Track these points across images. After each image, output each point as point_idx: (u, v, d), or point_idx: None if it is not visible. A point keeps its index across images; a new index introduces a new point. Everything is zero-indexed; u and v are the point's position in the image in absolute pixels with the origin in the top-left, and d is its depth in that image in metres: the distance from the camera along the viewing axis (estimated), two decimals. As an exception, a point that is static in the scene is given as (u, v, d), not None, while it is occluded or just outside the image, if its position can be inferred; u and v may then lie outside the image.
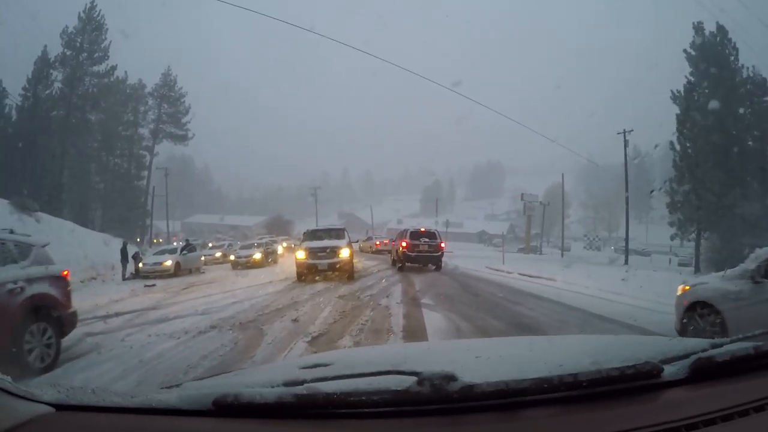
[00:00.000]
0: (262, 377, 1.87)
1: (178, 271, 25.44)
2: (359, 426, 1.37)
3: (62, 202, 44.90)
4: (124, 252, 25.69)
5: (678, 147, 36.22)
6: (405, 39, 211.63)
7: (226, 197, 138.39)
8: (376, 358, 2.04)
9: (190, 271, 27.01)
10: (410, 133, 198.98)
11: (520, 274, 20.82)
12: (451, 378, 1.32)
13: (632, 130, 41.64)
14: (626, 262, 39.30)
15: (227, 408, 1.34)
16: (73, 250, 26.74)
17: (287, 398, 1.33)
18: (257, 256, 29.92)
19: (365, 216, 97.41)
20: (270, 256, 30.78)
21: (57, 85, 47.68)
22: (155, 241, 53.78)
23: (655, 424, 1.29)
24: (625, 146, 41.62)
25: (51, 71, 47.35)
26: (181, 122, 57.97)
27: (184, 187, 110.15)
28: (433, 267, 22.38)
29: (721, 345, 1.69)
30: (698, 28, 36.01)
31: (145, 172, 55.90)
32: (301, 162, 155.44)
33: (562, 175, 57.58)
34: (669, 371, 1.51)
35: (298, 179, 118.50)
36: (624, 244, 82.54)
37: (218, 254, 36.24)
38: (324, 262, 17.99)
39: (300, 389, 1.36)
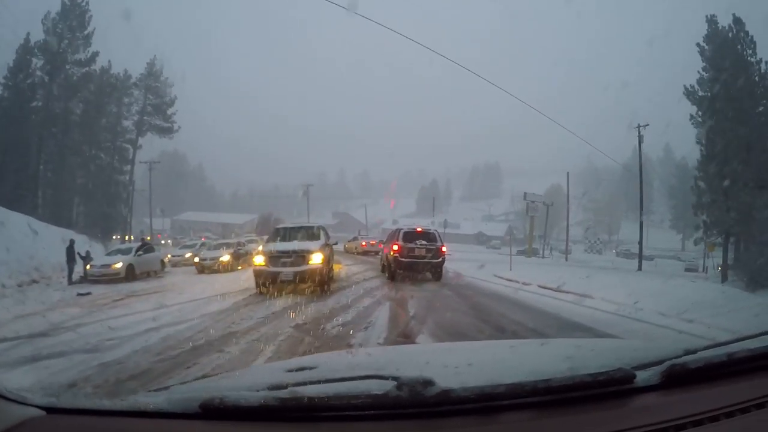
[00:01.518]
0: (248, 380, 1.84)
1: (131, 274, 21.10)
2: (340, 429, 1.38)
3: (37, 197, 41.72)
4: (70, 252, 21.60)
5: (702, 142, 32.67)
6: (406, 38, 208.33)
7: (220, 195, 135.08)
8: (359, 362, 2.15)
9: (147, 275, 22.72)
10: (408, 133, 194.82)
11: (540, 286, 16.32)
12: (429, 383, 1.33)
13: (648, 125, 37.24)
14: (640, 267, 35.33)
15: (214, 411, 1.35)
16: (21, 249, 23.00)
17: (271, 402, 1.34)
18: (224, 258, 25.36)
19: (360, 215, 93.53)
20: (241, 258, 25.95)
21: (38, 73, 43.73)
22: (147, 238, 49.84)
23: (626, 428, 1.31)
24: (640, 142, 37.24)
25: (32, 59, 43.35)
26: (166, 114, 53.05)
27: (176, 184, 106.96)
28: (432, 277, 17.91)
29: (695, 351, 1.67)
30: (711, 20, 32.59)
31: (129, 167, 51.31)
32: (298, 161, 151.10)
33: (567, 174, 53.93)
34: (642, 377, 1.51)
35: (295, 178, 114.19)
36: (626, 248, 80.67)
37: (188, 255, 31.27)
38: (288, 271, 13.46)
39: (284, 393, 1.37)
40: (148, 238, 45.84)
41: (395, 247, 17.37)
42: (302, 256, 13.58)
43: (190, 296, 14.32)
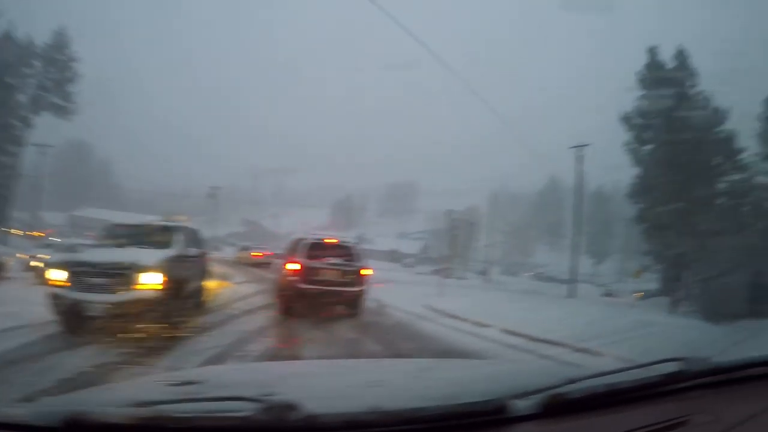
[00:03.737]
0: (125, 394, 1.68)
1: None
2: None
3: None
4: None
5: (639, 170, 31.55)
6: (326, 46, 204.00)
7: (127, 193, 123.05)
8: (249, 377, 2.04)
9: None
10: (326, 146, 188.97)
11: (509, 332, 11.06)
12: (293, 407, 1.26)
13: (588, 144, 33.67)
14: (570, 294, 32.28)
15: (76, 426, 1.27)
16: None
17: (133, 420, 1.25)
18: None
19: (271, 225, 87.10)
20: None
21: None
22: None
23: None
24: (580, 163, 33.57)
25: None
26: (65, 91, 43.98)
27: (78, 176, 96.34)
28: (348, 312, 12.08)
29: (578, 380, 1.58)
30: (652, 51, 31.39)
31: (18, 148, 41.81)
32: (210, 165, 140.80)
33: (492, 194, 49.61)
34: (519, 407, 1.42)
35: (205, 181, 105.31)
36: (541, 271, 78.68)
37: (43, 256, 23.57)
38: (98, 300, 7.48)
39: (148, 411, 1.29)
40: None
41: (293, 266, 11.39)
42: (125, 276, 7.57)
43: None
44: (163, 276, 7.65)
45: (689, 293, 28.49)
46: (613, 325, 12.46)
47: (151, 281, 7.53)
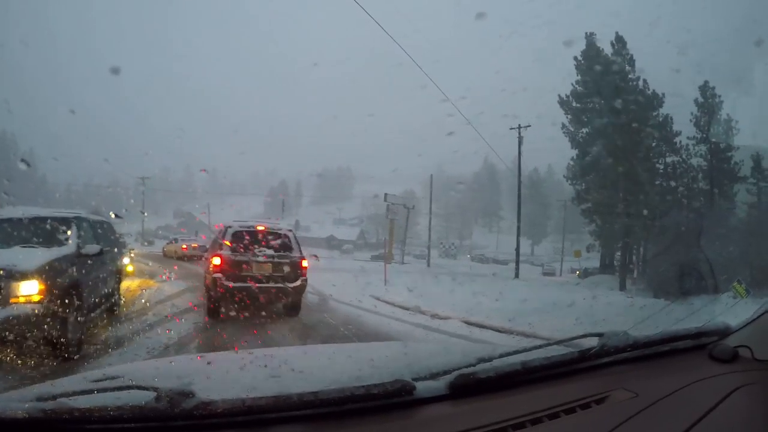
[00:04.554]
0: (42, 390, 1.51)
1: None
2: None
3: None
4: None
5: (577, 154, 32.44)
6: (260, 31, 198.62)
7: (53, 187, 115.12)
8: (166, 371, 1.90)
9: None
10: (259, 133, 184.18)
11: (468, 323, 9.80)
12: (188, 394, 1.24)
13: (529, 126, 33.19)
14: (517, 275, 31.63)
15: None
16: None
17: (35, 413, 1.22)
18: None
19: (204, 216, 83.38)
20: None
21: None
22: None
23: None
24: (520, 144, 33.03)
25: None
26: None
27: (1, 170, 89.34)
28: (285, 311, 10.42)
29: (490, 359, 1.55)
30: (590, 38, 32.29)
31: None
32: (140, 152, 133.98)
33: (431, 176, 48.98)
34: (425, 388, 1.40)
35: (135, 170, 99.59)
36: (479, 252, 78.91)
37: None
38: None
39: (50, 404, 1.27)
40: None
41: (216, 261, 9.52)
42: None
43: None
44: (43, 284, 5.78)
45: (639, 271, 28.75)
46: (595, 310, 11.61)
47: (27, 292, 5.71)
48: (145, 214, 75.45)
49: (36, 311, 5.70)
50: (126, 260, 18.22)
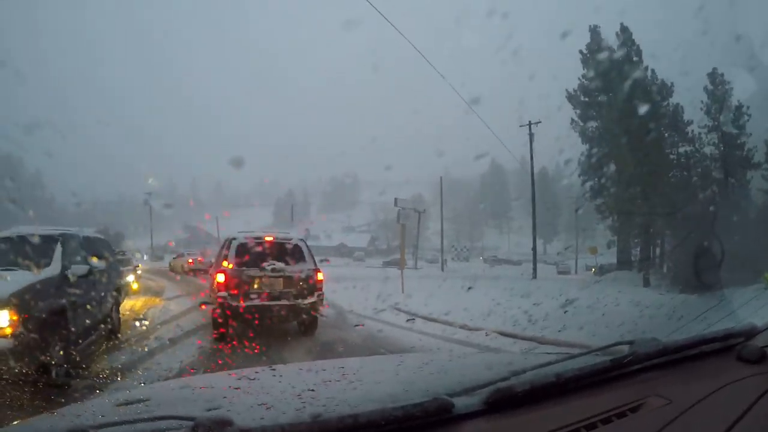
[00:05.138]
0: (73, 419, 1.54)
1: None
2: None
3: None
4: None
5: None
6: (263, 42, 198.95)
7: (62, 207, 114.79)
8: (193, 393, 1.82)
9: None
10: (264, 144, 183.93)
11: (502, 333, 8.83)
12: (226, 423, 1.20)
13: (539, 122, 32.30)
14: (535, 275, 31.52)
15: None
16: None
17: None
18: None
19: (212, 228, 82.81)
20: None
21: None
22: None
23: None
24: (531, 141, 32.12)
25: None
26: None
27: (5, 192, 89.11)
28: (301, 329, 9.38)
29: (523, 371, 1.55)
30: (594, 31, 31.10)
31: None
32: (145, 170, 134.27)
33: (441, 178, 48.07)
34: (461, 404, 1.35)
35: (142, 187, 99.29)
36: (492, 254, 77.86)
37: None
38: None
39: None
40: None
41: (220, 278, 8.48)
42: None
43: None
44: (15, 314, 4.85)
45: (660, 266, 27.68)
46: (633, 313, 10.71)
47: (-2, 323, 4.79)
48: (155, 230, 75.08)
49: (7, 346, 4.79)
50: (130, 278, 17.46)
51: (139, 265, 22.51)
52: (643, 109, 27.20)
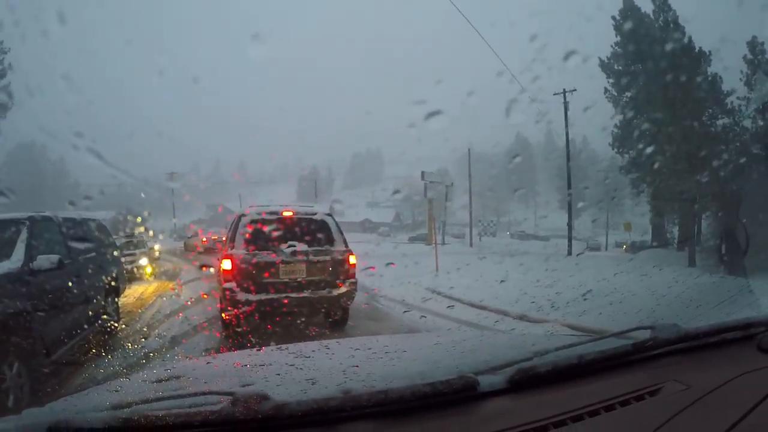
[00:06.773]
0: (107, 397, 1.58)
1: None
2: None
3: None
4: None
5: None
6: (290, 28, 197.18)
7: (86, 191, 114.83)
8: (225, 369, 1.92)
9: None
10: (286, 123, 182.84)
11: (569, 326, 7.31)
12: (263, 397, 1.24)
13: (574, 90, 30.32)
14: (570, 252, 29.87)
15: None
16: None
17: (113, 422, 1.24)
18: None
19: (236, 207, 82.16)
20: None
21: None
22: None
23: None
24: (566, 109, 30.34)
25: None
26: None
27: (32, 179, 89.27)
28: (327, 321, 7.83)
29: (546, 353, 1.55)
30: None
31: None
32: (169, 152, 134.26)
33: (468, 150, 46.49)
34: (486, 382, 1.39)
35: (165, 169, 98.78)
36: (520, 229, 76.10)
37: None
38: None
39: (125, 413, 1.27)
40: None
41: (227, 264, 6.82)
42: None
43: None
44: None
45: (702, 244, 25.80)
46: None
47: None
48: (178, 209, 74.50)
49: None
50: (143, 261, 16.31)
51: (156, 246, 21.32)
52: (679, 76, 25.31)
